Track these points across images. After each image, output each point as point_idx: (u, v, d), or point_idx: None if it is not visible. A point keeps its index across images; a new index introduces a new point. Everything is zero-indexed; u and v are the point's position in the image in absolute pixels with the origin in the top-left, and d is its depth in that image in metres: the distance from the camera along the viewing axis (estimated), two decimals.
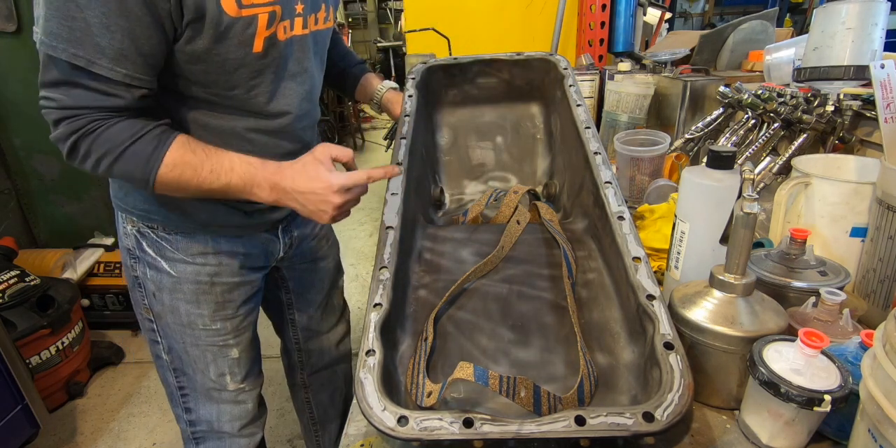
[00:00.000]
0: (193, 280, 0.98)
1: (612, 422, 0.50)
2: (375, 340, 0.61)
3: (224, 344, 1.05)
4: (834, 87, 1.06)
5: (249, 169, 0.79)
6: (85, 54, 0.68)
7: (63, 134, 0.73)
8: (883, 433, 0.45)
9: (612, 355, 0.69)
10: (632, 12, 2.16)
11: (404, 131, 1.00)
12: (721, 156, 0.71)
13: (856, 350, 0.60)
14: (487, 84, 1.22)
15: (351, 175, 0.78)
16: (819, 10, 1.06)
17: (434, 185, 1.19)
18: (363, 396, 0.54)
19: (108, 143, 0.74)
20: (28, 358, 1.91)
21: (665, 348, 0.56)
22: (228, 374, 1.07)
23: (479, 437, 0.50)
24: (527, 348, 0.72)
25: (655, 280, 0.65)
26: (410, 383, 0.66)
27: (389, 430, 0.51)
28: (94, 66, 0.69)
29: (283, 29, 0.84)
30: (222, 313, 1.03)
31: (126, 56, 0.70)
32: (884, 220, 0.75)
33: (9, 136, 2.59)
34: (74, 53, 0.67)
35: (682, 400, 0.51)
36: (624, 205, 0.76)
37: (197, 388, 1.07)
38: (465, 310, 0.79)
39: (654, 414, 0.50)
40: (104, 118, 0.74)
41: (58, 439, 2.00)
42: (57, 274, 2.38)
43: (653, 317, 0.60)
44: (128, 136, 0.74)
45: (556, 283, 0.82)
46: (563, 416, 0.50)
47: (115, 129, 0.74)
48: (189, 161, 0.77)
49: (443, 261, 0.90)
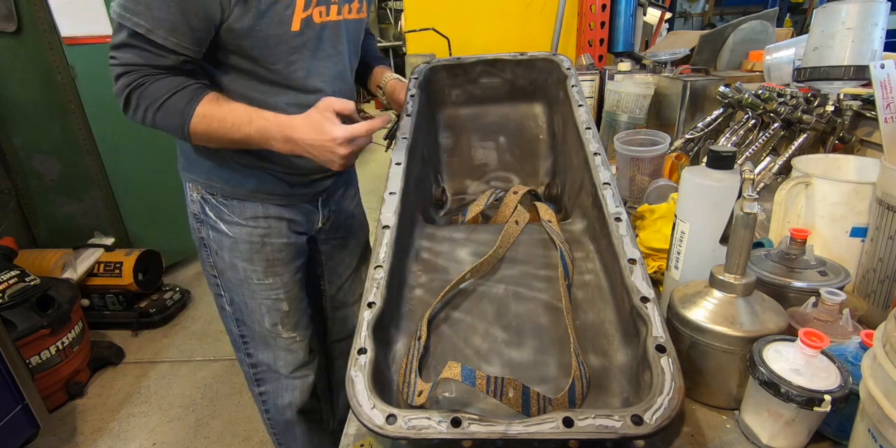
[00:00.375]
0: (247, 240, 1.13)
1: (600, 424, 0.49)
2: (368, 339, 0.62)
3: (276, 297, 1.19)
4: (834, 87, 1.06)
5: (264, 123, 0.91)
6: (146, 24, 0.83)
7: (121, 87, 0.89)
8: (883, 433, 0.45)
9: (605, 357, 0.69)
10: (632, 12, 2.16)
11: (405, 131, 1.00)
12: (721, 156, 0.71)
13: (856, 350, 0.60)
14: (491, 84, 1.22)
15: (351, 128, 0.89)
16: (819, 10, 1.06)
17: (436, 184, 1.19)
18: (353, 394, 0.55)
19: (152, 96, 0.89)
20: (28, 358, 1.91)
21: (657, 351, 0.55)
22: (280, 324, 1.21)
23: (466, 437, 0.50)
24: (520, 349, 0.72)
25: (650, 282, 0.64)
26: (402, 382, 0.66)
27: (378, 428, 0.52)
28: (152, 34, 0.84)
29: (319, 13, 0.96)
30: (273, 270, 1.16)
31: (178, 28, 0.85)
32: (884, 220, 0.75)
33: (9, 135, 2.59)
34: (137, 22, 0.83)
35: (671, 403, 0.50)
36: (622, 206, 0.76)
37: (255, 336, 1.23)
38: (460, 310, 0.79)
39: (643, 417, 0.49)
40: (153, 74, 0.89)
41: (58, 439, 2.00)
42: (57, 274, 2.38)
43: (646, 319, 0.59)
44: (168, 89, 0.89)
45: (552, 284, 0.82)
46: (552, 418, 0.50)
47: (160, 83, 0.89)
48: (215, 114, 0.90)
49: (440, 260, 0.90)
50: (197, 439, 1.97)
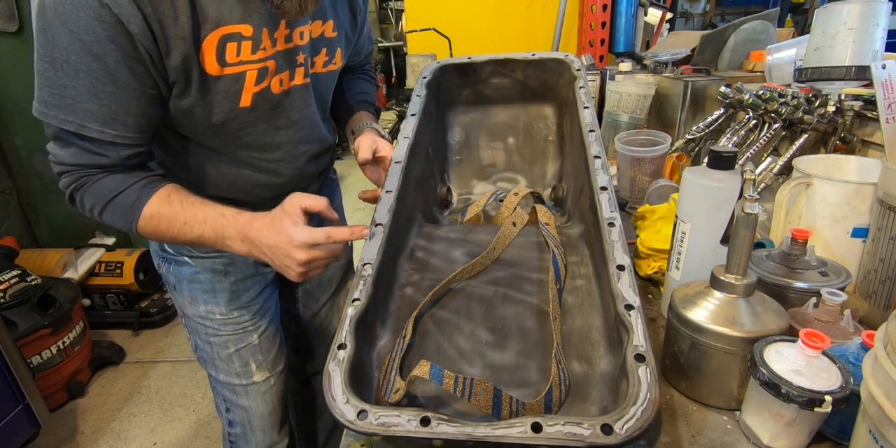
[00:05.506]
0: (209, 269, 1.04)
1: (568, 431, 0.49)
2: (349, 335, 0.62)
3: (244, 330, 1.08)
4: (835, 87, 1.06)
5: (221, 221, 0.80)
6: (75, 119, 0.72)
7: (63, 185, 0.80)
8: (884, 434, 0.45)
9: (588, 364, 0.68)
10: (633, 12, 2.16)
11: (406, 130, 1.00)
12: (722, 156, 0.71)
13: (857, 351, 0.60)
14: (501, 84, 1.21)
15: (313, 232, 0.75)
16: (820, 10, 1.06)
17: (441, 183, 1.19)
18: (329, 388, 0.56)
19: (95, 197, 0.79)
20: (29, 357, 1.92)
21: (636, 360, 0.54)
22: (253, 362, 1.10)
23: (433, 436, 0.51)
24: (503, 352, 0.71)
25: (637, 290, 0.63)
26: (383, 379, 0.66)
27: (349, 423, 0.53)
28: (84, 130, 0.73)
29: (280, 81, 0.85)
30: (237, 302, 1.06)
31: (116, 118, 0.74)
32: (885, 221, 0.75)
33: (10, 136, 2.59)
34: (64, 119, 0.72)
35: (644, 414, 0.49)
36: (617, 211, 0.75)
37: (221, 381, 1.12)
38: (447, 309, 0.79)
39: (612, 426, 0.49)
40: (92, 174, 0.79)
41: (58, 439, 2.00)
42: (58, 274, 2.38)
43: (629, 327, 0.58)
44: (110, 190, 0.79)
45: (543, 287, 0.81)
46: (520, 422, 0.50)
47: (100, 183, 0.79)
48: (165, 213, 0.79)
49: (434, 260, 0.89)
50: (197, 439, 1.97)
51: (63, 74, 0.69)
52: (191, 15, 0.72)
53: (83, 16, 0.65)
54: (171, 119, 0.82)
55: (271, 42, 0.81)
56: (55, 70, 0.69)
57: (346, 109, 1.17)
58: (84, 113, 0.72)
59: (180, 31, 0.72)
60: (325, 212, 0.80)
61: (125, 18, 0.67)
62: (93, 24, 0.66)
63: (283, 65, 0.85)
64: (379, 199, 0.85)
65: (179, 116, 0.81)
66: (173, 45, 0.72)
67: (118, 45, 0.68)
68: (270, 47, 0.81)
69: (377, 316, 0.74)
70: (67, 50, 0.68)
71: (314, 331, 1.33)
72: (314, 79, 0.93)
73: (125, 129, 0.75)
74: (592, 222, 0.81)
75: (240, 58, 0.78)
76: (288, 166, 0.98)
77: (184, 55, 0.74)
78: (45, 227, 2.81)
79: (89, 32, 0.67)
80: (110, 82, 0.71)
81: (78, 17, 0.65)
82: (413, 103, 1.08)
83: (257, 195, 1.00)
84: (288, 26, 0.83)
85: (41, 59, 0.70)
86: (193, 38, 0.73)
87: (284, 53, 0.84)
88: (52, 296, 2.06)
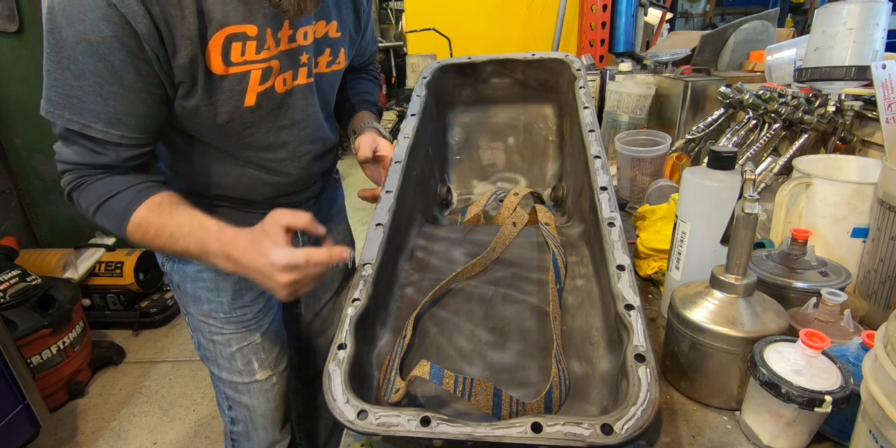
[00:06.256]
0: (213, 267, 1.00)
1: (568, 431, 0.49)
2: (349, 335, 0.62)
3: (247, 329, 1.08)
4: (835, 87, 1.06)
5: (204, 235, 0.77)
6: (80, 119, 0.72)
7: (63, 184, 0.80)
8: (884, 434, 0.45)
9: (589, 364, 0.68)
10: (633, 13, 2.17)
11: (406, 130, 1.00)
12: (722, 156, 0.71)
13: (857, 351, 0.60)
14: (501, 84, 1.21)
15: (292, 254, 0.71)
16: (820, 10, 1.06)
17: (441, 183, 1.19)
18: (329, 388, 0.56)
19: (90, 197, 0.79)
20: (29, 357, 1.92)
21: (636, 360, 0.55)
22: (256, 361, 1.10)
23: (434, 436, 0.51)
24: (503, 352, 0.71)
25: (637, 290, 0.63)
26: (383, 379, 0.66)
27: (349, 423, 0.52)
28: (88, 130, 0.73)
29: (283, 81, 0.85)
30: (240, 301, 1.06)
31: (120, 119, 0.74)
32: (885, 221, 0.75)
33: (10, 135, 2.59)
34: (69, 119, 0.72)
35: (644, 414, 0.50)
36: (616, 211, 0.75)
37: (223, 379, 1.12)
38: (447, 309, 0.79)
39: (613, 426, 0.49)
40: (93, 174, 0.79)
41: (59, 439, 2.00)
42: (58, 274, 2.38)
43: (628, 327, 0.58)
44: (106, 191, 0.78)
45: (543, 287, 0.81)
46: (521, 422, 0.50)
47: (98, 184, 0.79)
48: (153, 222, 0.78)
49: (434, 260, 0.89)
50: (197, 439, 1.97)
51: (69, 74, 0.70)
52: (197, 15, 0.72)
53: (90, 16, 0.66)
54: (177, 119, 0.82)
55: (275, 42, 0.81)
56: (62, 70, 0.69)
57: (349, 109, 1.17)
58: (89, 113, 0.72)
59: (187, 30, 0.72)
60: (308, 228, 0.77)
61: (132, 18, 0.67)
62: (100, 24, 0.66)
63: (287, 64, 0.85)
64: (379, 199, 0.85)
65: (185, 116, 0.81)
66: (180, 44, 0.73)
67: (125, 45, 0.69)
68: (274, 47, 0.82)
69: (377, 316, 0.74)
70: (74, 50, 0.68)
71: (316, 330, 1.33)
72: (318, 79, 0.93)
73: (130, 130, 0.75)
74: (592, 222, 0.81)
75: (244, 57, 0.79)
76: (292, 166, 0.98)
77: (190, 55, 0.74)
78: (45, 227, 2.81)
79: (96, 32, 0.67)
80: (116, 82, 0.71)
81: (85, 16, 0.66)
82: (413, 103, 1.08)
83: (262, 194, 1.00)
84: (291, 26, 0.83)
85: (49, 58, 0.70)
86: (200, 38, 0.74)
87: (288, 53, 0.84)
88: (52, 296, 2.06)
